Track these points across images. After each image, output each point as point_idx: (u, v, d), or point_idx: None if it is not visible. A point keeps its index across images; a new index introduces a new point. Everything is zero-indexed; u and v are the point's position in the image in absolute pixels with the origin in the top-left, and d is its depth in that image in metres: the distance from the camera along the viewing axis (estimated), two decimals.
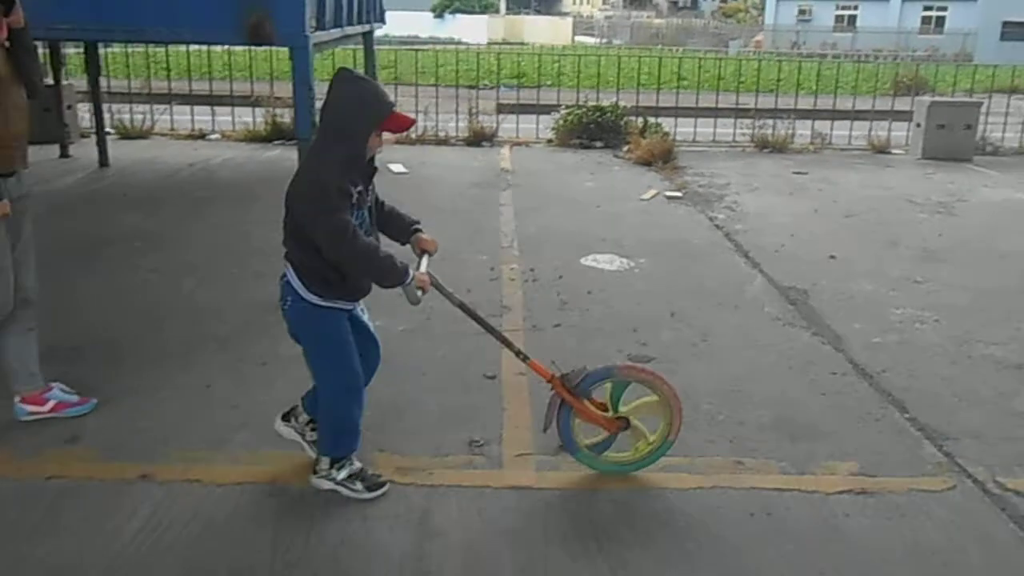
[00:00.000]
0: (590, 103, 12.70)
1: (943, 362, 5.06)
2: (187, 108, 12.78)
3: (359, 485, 3.36)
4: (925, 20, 41.61)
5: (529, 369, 3.57)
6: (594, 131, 12.37)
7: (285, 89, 12.91)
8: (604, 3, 71.09)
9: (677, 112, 12.82)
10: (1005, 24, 38.72)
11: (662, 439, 3.61)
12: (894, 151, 12.56)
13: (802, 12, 44.44)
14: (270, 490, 3.47)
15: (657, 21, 50.17)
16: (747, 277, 6.59)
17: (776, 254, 7.25)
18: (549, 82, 17.27)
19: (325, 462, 3.36)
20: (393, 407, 4.17)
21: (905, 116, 12.64)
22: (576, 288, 6.09)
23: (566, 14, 59.31)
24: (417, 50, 18.71)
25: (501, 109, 14.06)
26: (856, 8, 43.81)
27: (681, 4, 66.33)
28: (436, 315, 5.03)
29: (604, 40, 44.89)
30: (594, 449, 3.61)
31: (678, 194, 9.32)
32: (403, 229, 3.41)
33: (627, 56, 17.53)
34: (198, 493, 3.45)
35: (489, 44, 36.82)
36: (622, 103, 12.65)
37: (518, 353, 3.50)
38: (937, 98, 13.01)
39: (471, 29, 43.59)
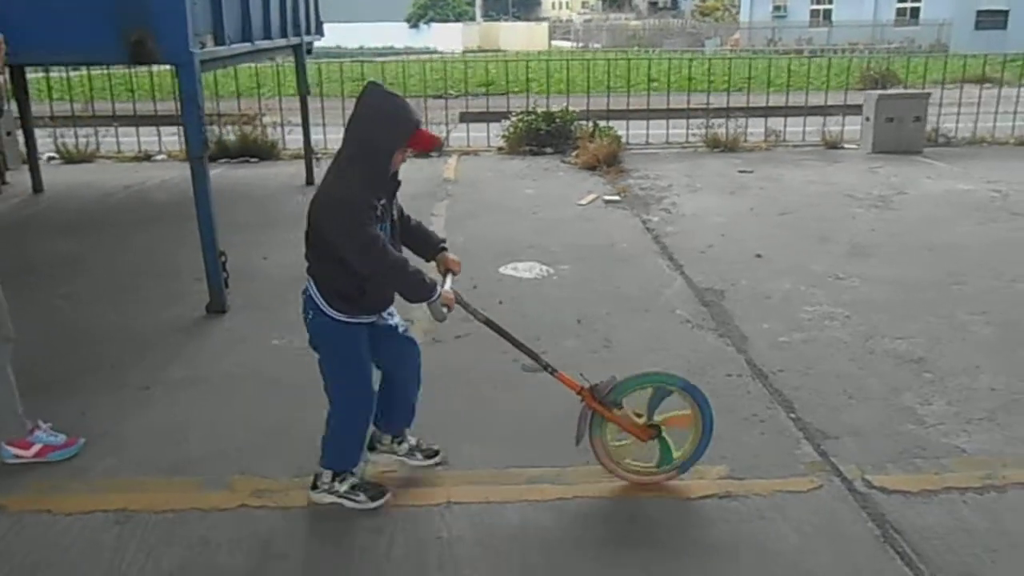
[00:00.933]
0: (540, 109, 12.65)
1: (842, 359, 5.02)
2: (134, 129, 12.72)
3: (362, 496, 3.39)
4: (900, 12, 41.65)
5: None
6: (544, 137, 12.33)
7: (230, 106, 13.02)
8: (583, 6, 71.18)
9: (628, 115, 12.79)
10: (980, 13, 38.78)
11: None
12: (846, 146, 12.54)
13: (777, 8, 44.51)
14: (116, 517, 3.42)
15: (634, 23, 50.21)
16: (667, 280, 6.55)
17: (702, 255, 7.21)
18: (518, 89, 17.28)
19: (327, 475, 3.38)
20: (274, 427, 4.13)
21: (859, 111, 12.59)
22: (488, 298, 6.04)
23: (545, 19, 59.38)
24: (384, 62, 18.62)
25: (465, 118, 14.04)
26: (831, 2, 43.88)
27: (661, 4, 66.41)
28: None
29: (581, 44, 44.94)
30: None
31: (616, 198, 9.28)
32: (430, 246, 3.44)
33: (595, 59, 17.52)
34: (45, 523, 3.40)
35: (465, 52, 36.82)
36: (580, 108, 12.61)
37: (546, 367, 3.48)
38: (886, 91, 12.98)
39: (446, 37, 43.64)
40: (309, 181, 10.35)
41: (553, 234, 7.85)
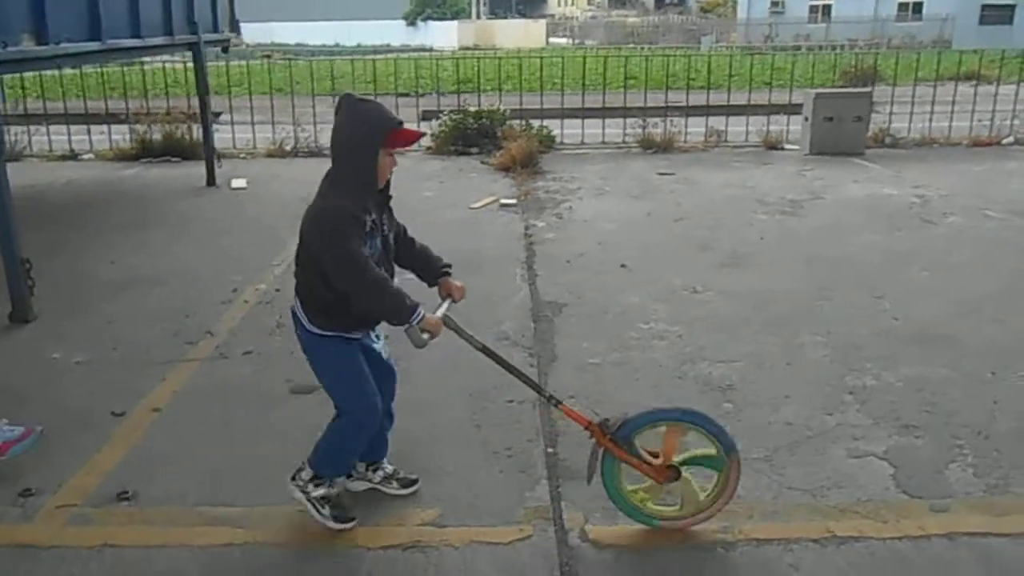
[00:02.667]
0: (471, 108, 12.24)
1: (645, 386, 4.58)
2: (64, 128, 12.48)
3: (327, 510, 3.25)
4: (902, 7, 40.76)
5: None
6: (472, 137, 11.92)
7: (159, 105, 12.72)
8: (589, 3, 70.55)
9: (565, 114, 12.35)
10: (984, 8, 37.95)
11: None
12: (788, 147, 12.05)
13: (775, 4, 43.72)
14: None
15: (632, 20, 49.55)
16: (512, 292, 6.12)
17: (568, 265, 6.78)
18: (490, 88, 16.80)
19: (307, 473, 3.27)
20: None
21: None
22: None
23: (551, 16, 58.86)
24: (373, 59, 18.11)
25: (427, 116, 13.58)
26: None
27: (668, 1, 65.68)
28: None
29: (577, 41, 44.38)
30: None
31: (513, 201, 8.85)
32: (432, 270, 3.30)
33: (572, 57, 16.99)
34: None
35: (459, 50, 36.38)
36: (535, 106, 12.19)
37: (549, 399, 3.24)
38: (824, 89, 12.44)
39: (443, 35, 43.22)
40: (210, 182, 9.99)
41: (422, 240, 7.40)
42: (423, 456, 3.80)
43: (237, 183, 9.90)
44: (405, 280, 3.20)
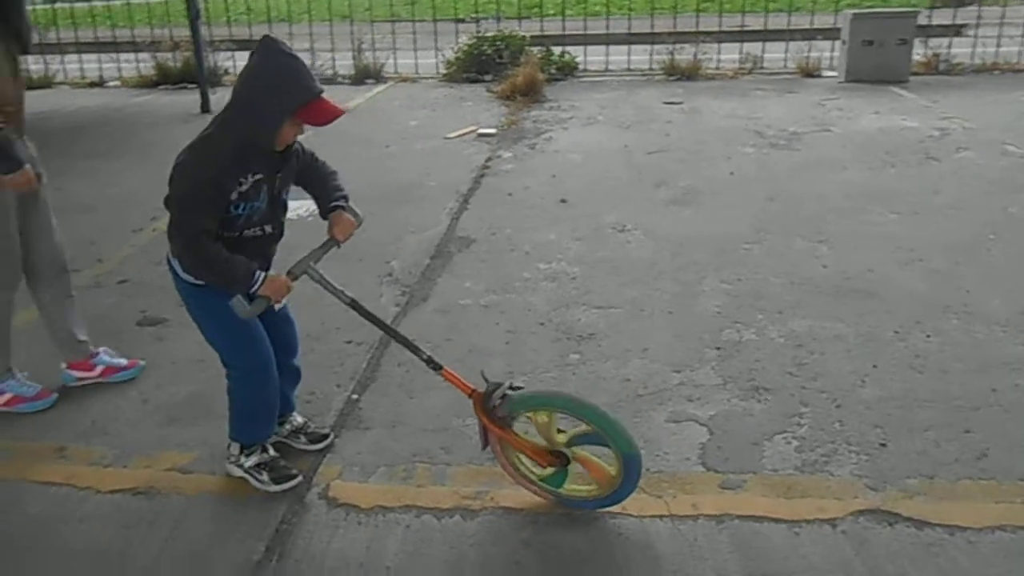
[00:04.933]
0: (489, 34, 11.76)
1: (501, 331, 4.20)
2: (96, 56, 12.68)
3: (265, 476, 2.99)
4: None
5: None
6: (486, 64, 11.44)
7: (182, 33, 12.66)
8: None
9: (587, 40, 11.74)
10: None
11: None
12: (826, 74, 11.15)
13: None
14: None
15: None
16: (429, 225, 5.78)
17: (507, 197, 6.39)
18: (552, 12, 16.16)
19: (235, 447, 3.03)
20: None
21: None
22: None
23: None
24: None
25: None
26: None
27: None
28: None
29: None
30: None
31: (491, 131, 8.42)
32: (325, 199, 2.89)
33: None
34: None
35: None
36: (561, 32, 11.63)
37: (428, 361, 2.80)
38: (863, 10, 11.38)
39: None
40: (204, 109, 9.91)
41: (373, 171, 7.13)
42: (218, 400, 3.51)
43: None
44: None
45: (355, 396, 3.57)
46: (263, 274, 2.63)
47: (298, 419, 3.26)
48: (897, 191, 6.22)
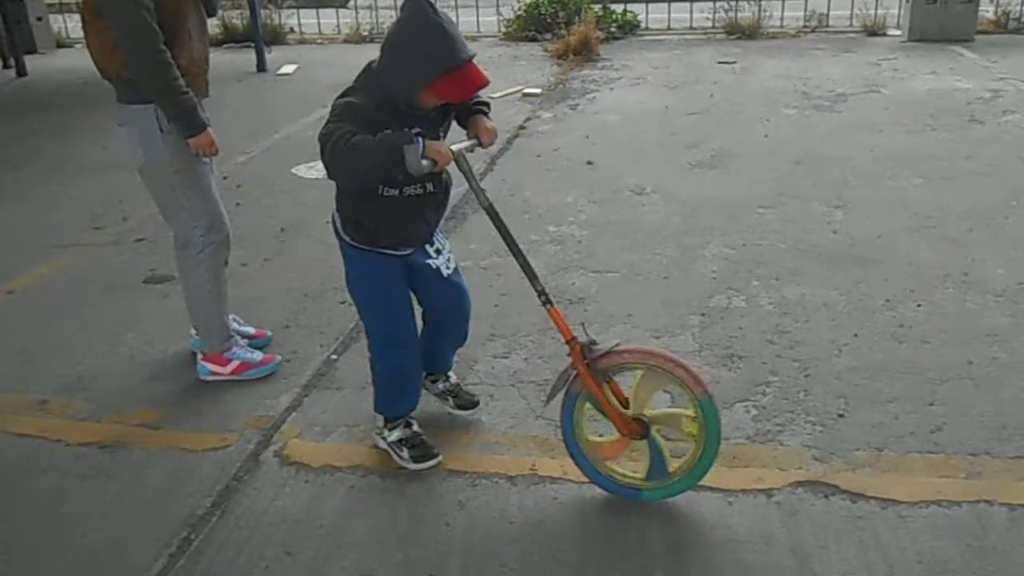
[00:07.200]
0: None
1: (494, 293, 4.30)
2: None
3: (405, 452, 2.94)
4: None
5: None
6: (545, 22, 11.40)
7: None
8: None
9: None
10: None
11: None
12: (891, 32, 10.78)
13: None
14: None
15: None
16: (454, 185, 5.86)
17: (536, 159, 6.46)
18: None
19: (380, 419, 3.02)
20: None
21: None
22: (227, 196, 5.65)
23: None
24: None
25: None
26: None
27: None
28: None
29: None
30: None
31: (537, 91, 8.46)
32: (465, 107, 2.74)
33: None
34: None
35: None
36: None
37: (540, 293, 2.66)
38: None
39: None
40: (260, 68, 10.14)
41: None
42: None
43: (285, 69, 9.98)
44: None
45: (334, 357, 3.70)
46: (423, 139, 2.43)
47: (452, 379, 3.22)
48: (930, 155, 6.07)
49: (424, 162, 2.41)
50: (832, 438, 3.03)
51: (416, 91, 2.48)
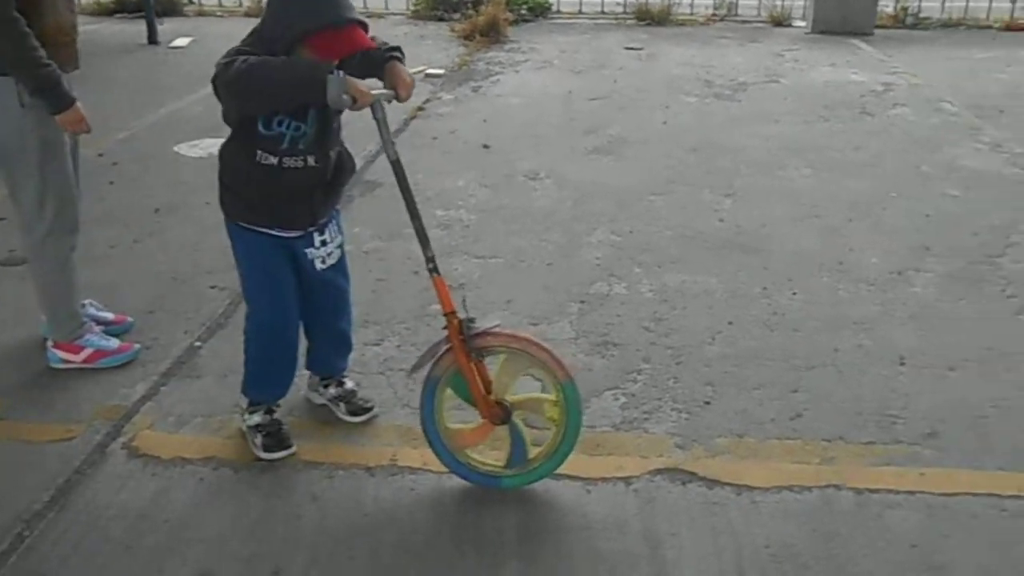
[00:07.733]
0: None
1: (372, 279, 4.21)
2: None
3: (259, 439, 2.83)
4: None
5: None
6: (454, 3, 11.26)
7: None
8: None
9: None
10: None
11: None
12: (797, 23, 10.95)
13: None
14: None
15: None
16: None
17: (431, 141, 6.36)
18: None
19: (244, 400, 2.90)
20: None
21: None
22: (101, 174, 5.42)
23: None
24: None
25: None
26: None
27: None
28: None
29: None
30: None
31: (439, 72, 8.33)
32: (376, 57, 2.56)
33: None
34: None
35: None
36: None
37: (429, 260, 2.62)
38: None
39: None
40: (151, 40, 9.78)
41: None
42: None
43: (179, 42, 9.65)
44: None
45: (198, 344, 3.57)
46: (344, 74, 2.35)
47: (348, 384, 3.09)
48: (820, 146, 6.17)
49: (345, 96, 2.33)
50: (696, 425, 3.04)
51: (295, 45, 2.40)
